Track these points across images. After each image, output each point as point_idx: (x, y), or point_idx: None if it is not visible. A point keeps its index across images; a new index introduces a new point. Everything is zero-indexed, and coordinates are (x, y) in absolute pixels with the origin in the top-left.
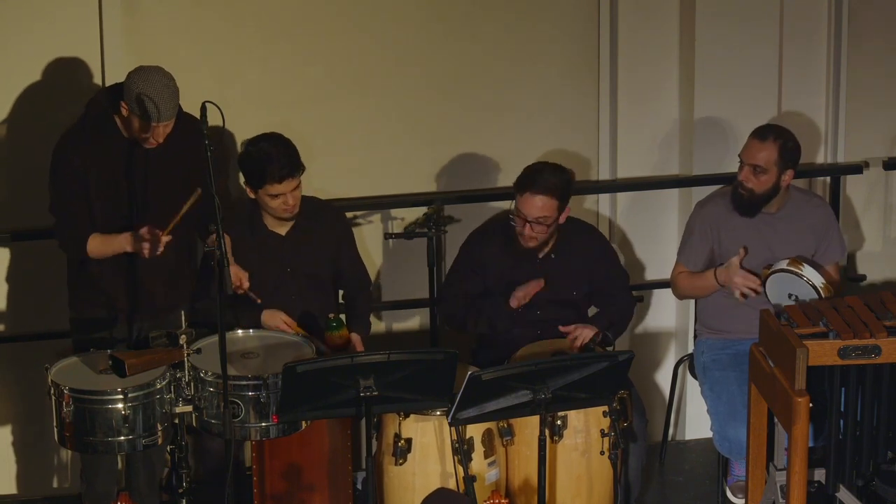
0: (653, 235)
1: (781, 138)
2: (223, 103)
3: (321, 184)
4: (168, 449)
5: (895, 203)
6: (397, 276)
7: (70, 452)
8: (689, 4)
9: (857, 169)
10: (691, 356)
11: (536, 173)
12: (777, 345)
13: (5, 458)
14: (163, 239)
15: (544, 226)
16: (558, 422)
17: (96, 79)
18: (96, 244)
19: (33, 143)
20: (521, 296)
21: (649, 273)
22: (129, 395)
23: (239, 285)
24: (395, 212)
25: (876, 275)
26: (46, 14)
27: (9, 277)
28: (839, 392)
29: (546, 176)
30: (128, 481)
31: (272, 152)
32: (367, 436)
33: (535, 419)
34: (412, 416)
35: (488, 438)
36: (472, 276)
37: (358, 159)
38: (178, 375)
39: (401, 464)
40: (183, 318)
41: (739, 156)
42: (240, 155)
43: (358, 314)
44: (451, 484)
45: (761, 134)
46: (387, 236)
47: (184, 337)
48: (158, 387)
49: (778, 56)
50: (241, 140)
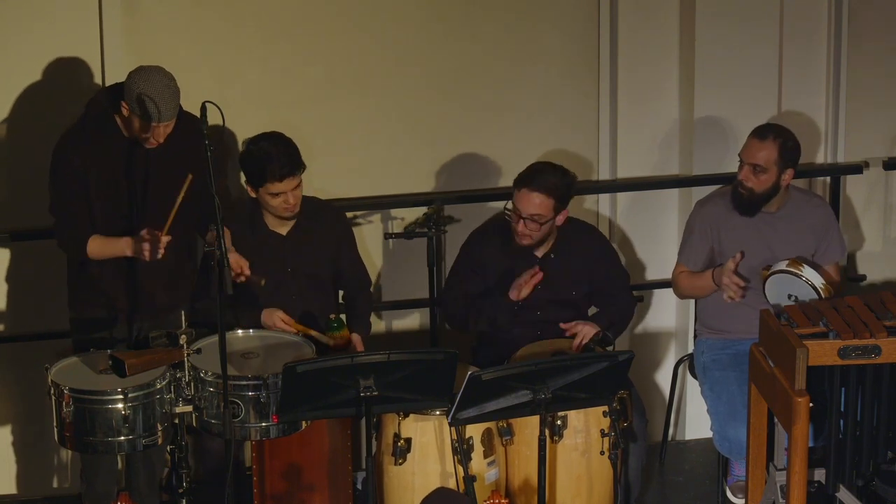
0: (653, 235)
1: (781, 137)
2: (223, 103)
3: (321, 184)
4: (168, 449)
5: (895, 203)
6: (397, 276)
7: (70, 452)
8: (689, 4)
9: (857, 169)
10: (691, 356)
11: (536, 171)
12: (777, 345)
13: (5, 458)
14: (163, 239)
15: (537, 223)
16: (558, 422)
17: (96, 79)
18: (96, 246)
19: (33, 143)
20: (520, 284)
21: (649, 273)
22: (129, 395)
23: (240, 272)
24: (395, 212)
25: (876, 275)
26: (46, 14)
27: (9, 277)
28: (839, 392)
29: (546, 175)
30: (128, 481)
31: (273, 151)
32: (367, 436)
33: (535, 419)
34: (412, 415)
35: (488, 438)
36: (472, 276)
37: (358, 159)
38: (178, 375)
39: (400, 464)
40: (183, 318)
41: (739, 155)
42: (241, 154)
43: (358, 314)
44: (451, 484)
45: (761, 133)
46: (387, 236)
47: (184, 337)
48: (158, 387)
49: (778, 56)
50: (241, 140)
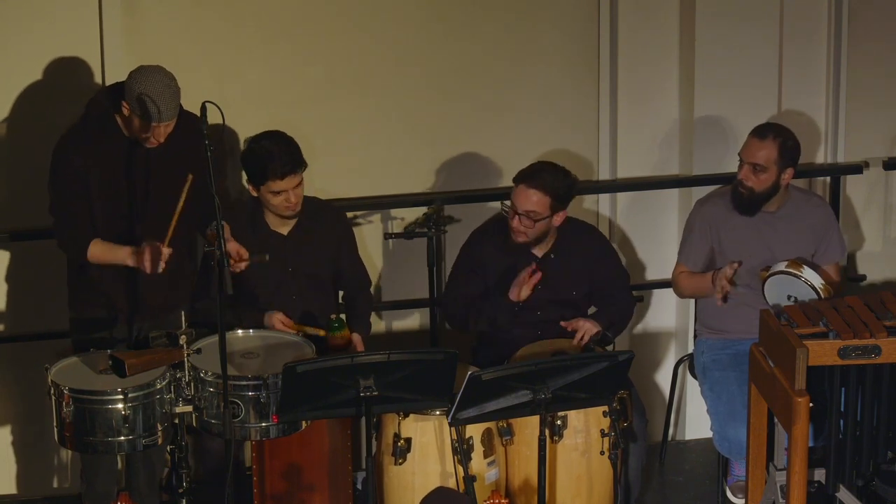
0: (653, 235)
1: (781, 136)
2: (223, 103)
3: (321, 184)
4: (168, 449)
5: (895, 203)
6: (397, 276)
7: (70, 452)
8: (689, 4)
9: (857, 169)
10: (691, 356)
11: (537, 169)
12: (777, 345)
13: (5, 458)
14: (164, 252)
15: (531, 220)
16: (558, 422)
17: (96, 79)
18: (98, 251)
19: (33, 143)
20: (520, 283)
21: (649, 273)
22: (129, 395)
23: (239, 259)
24: (395, 212)
25: (876, 275)
26: (46, 14)
27: (9, 277)
28: (839, 392)
29: (545, 174)
30: (128, 481)
31: (275, 149)
32: (367, 436)
33: (535, 419)
34: (412, 415)
35: (488, 438)
36: (472, 276)
37: (358, 159)
38: (178, 375)
39: (400, 463)
40: (183, 318)
41: (739, 154)
42: (242, 152)
43: (358, 314)
44: (451, 484)
45: (761, 132)
46: (387, 236)
47: (184, 337)
48: (158, 387)
49: (778, 56)
50: (241, 140)
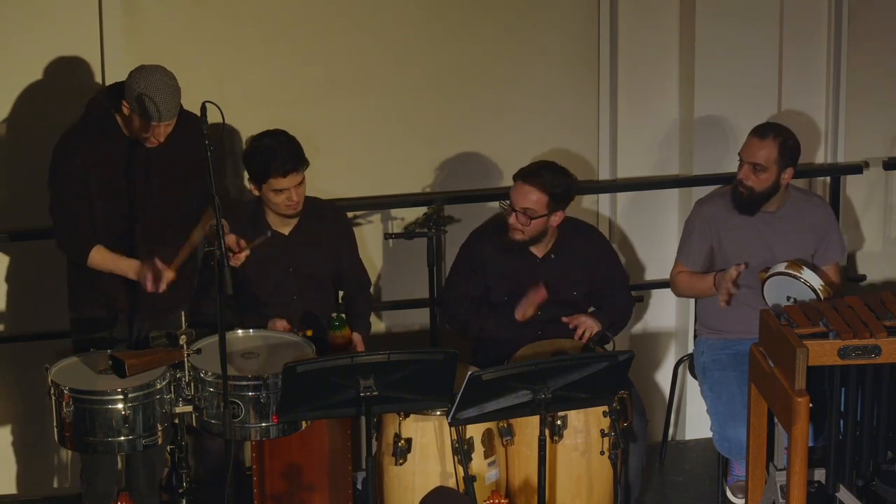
0: (653, 235)
1: (781, 136)
2: (223, 103)
3: (321, 184)
4: (168, 449)
5: (895, 203)
6: (397, 276)
7: (70, 452)
8: (689, 4)
9: (857, 169)
10: (691, 356)
11: (536, 167)
12: (777, 345)
13: (5, 458)
14: (166, 276)
15: (528, 218)
16: (558, 422)
17: (96, 78)
18: (100, 258)
19: (33, 143)
20: (526, 302)
21: (649, 273)
22: (129, 396)
23: (239, 250)
24: (395, 212)
25: (876, 275)
26: (46, 14)
27: (9, 277)
28: (839, 392)
29: (544, 173)
30: (128, 481)
31: (277, 147)
32: (367, 436)
33: (535, 419)
34: (412, 416)
35: (488, 438)
36: (472, 276)
37: (358, 159)
38: (178, 375)
39: (401, 464)
40: (183, 318)
41: (739, 154)
42: (244, 150)
43: (358, 314)
44: (451, 484)
45: (761, 132)
46: (387, 236)
47: (184, 337)
48: (158, 387)
49: (778, 56)
50: (241, 140)
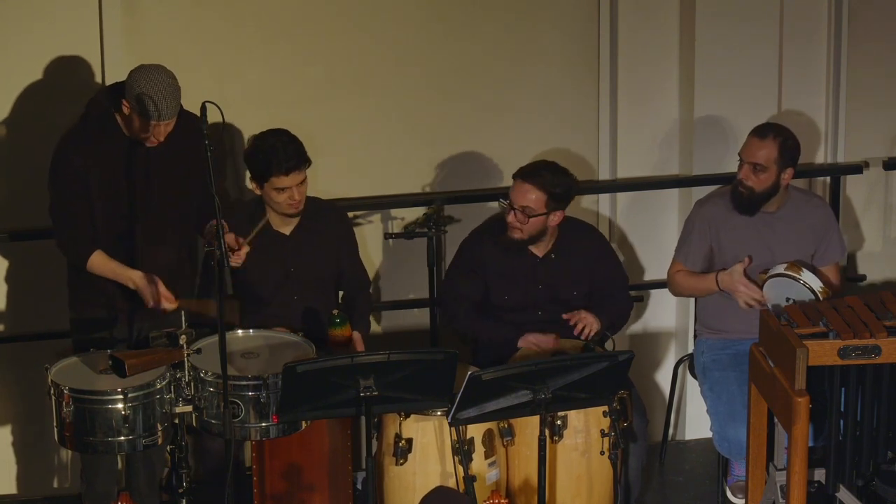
0: (653, 235)
1: (781, 136)
2: (223, 103)
3: (322, 184)
4: (168, 449)
5: (895, 203)
6: (397, 276)
7: (70, 452)
8: (689, 4)
9: (857, 169)
10: (691, 356)
11: (536, 166)
12: (777, 345)
13: (5, 458)
14: (165, 305)
15: (526, 216)
16: (558, 422)
17: (97, 78)
18: (101, 262)
19: (33, 143)
20: (533, 342)
21: (649, 273)
22: (129, 395)
23: (238, 248)
24: (395, 212)
25: (876, 275)
26: (46, 14)
27: (9, 277)
28: (839, 392)
29: (544, 172)
30: (128, 481)
31: (279, 145)
32: (367, 436)
33: (535, 419)
34: (413, 416)
35: (488, 438)
36: (471, 275)
37: (358, 159)
38: (178, 375)
39: (401, 464)
40: (183, 318)
41: (739, 154)
42: (246, 149)
43: (358, 314)
44: (452, 484)
45: (761, 132)
46: (387, 236)
47: (184, 337)
48: (158, 387)
49: (778, 56)
50: (241, 140)
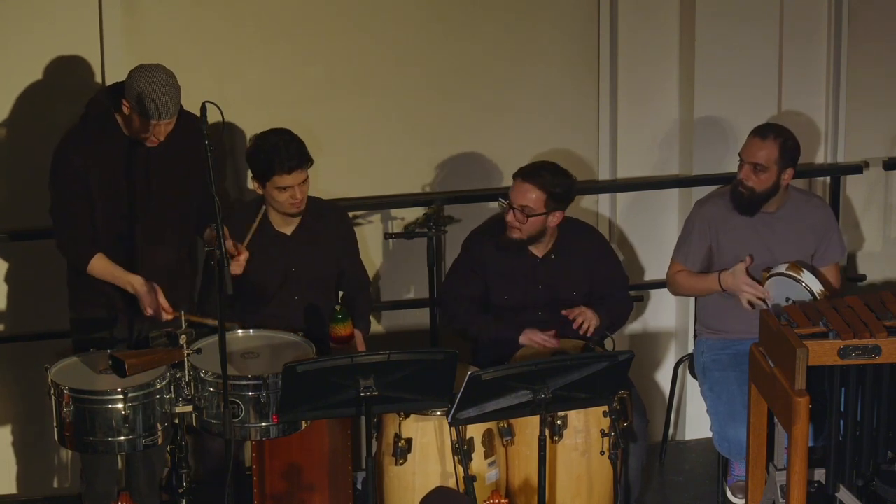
0: (653, 235)
1: (781, 136)
2: (223, 103)
3: (322, 184)
4: (168, 449)
5: (895, 203)
6: (397, 276)
7: (70, 452)
8: (689, 4)
9: (857, 169)
10: (691, 356)
11: (536, 166)
12: (777, 345)
13: (5, 458)
14: (163, 315)
15: (525, 215)
16: (558, 422)
17: (97, 78)
18: (102, 265)
19: (33, 143)
20: (537, 340)
21: (649, 273)
22: (129, 395)
23: (238, 254)
24: (395, 212)
25: (876, 275)
26: (46, 14)
27: (9, 277)
28: (839, 392)
29: (544, 172)
30: (128, 481)
31: (281, 144)
32: (367, 436)
33: (535, 419)
34: (412, 416)
35: (488, 438)
36: (472, 275)
37: (358, 159)
38: (178, 375)
39: (401, 464)
40: (183, 318)
41: (739, 154)
42: (248, 148)
43: (359, 314)
44: (451, 484)
45: (761, 132)
46: (387, 236)
47: (184, 337)
48: (158, 387)
49: (778, 56)
50: (241, 140)
